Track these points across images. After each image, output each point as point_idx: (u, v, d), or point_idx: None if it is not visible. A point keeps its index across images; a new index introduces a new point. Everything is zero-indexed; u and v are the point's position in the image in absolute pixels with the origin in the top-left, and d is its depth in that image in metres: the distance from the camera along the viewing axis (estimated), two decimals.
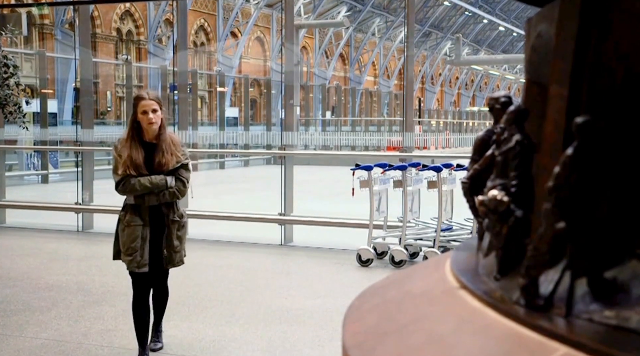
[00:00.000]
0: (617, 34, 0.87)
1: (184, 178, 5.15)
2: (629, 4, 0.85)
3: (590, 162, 0.84)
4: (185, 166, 5.17)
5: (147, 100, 5.04)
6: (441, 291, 1.12)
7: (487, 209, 1.03)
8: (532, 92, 1.11)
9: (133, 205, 5.10)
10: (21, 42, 29.08)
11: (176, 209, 5.21)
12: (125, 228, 5.07)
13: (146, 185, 4.98)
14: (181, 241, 5.24)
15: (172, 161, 5.05)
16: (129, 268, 5.09)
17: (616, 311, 0.82)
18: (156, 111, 5.04)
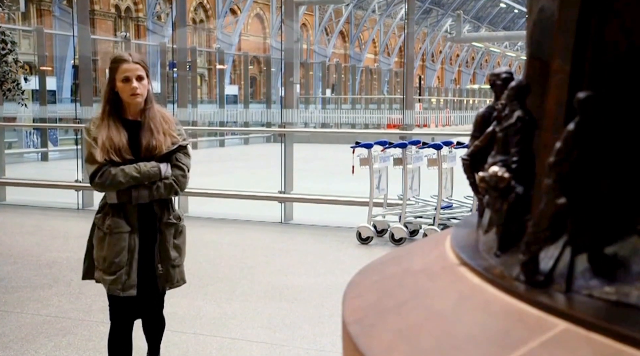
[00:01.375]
0: (620, 7, 0.86)
1: (184, 164, 3.91)
2: None
3: (592, 138, 0.84)
4: (184, 149, 3.93)
5: (129, 63, 3.80)
6: (441, 268, 1.12)
7: (487, 186, 1.03)
8: (533, 67, 1.10)
9: (116, 205, 3.82)
10: (19, 18, 28.93)
11: (172, 209, 4.00)
12: (106, 236, 3.81)
13: (133, 175, 3.72)
14: (180, 252, 4.03)
15: (166, 142, 3.83)
16: (110, 291, 3.83)
17: (616, 286, 0.82)
18: (142, 79, 3.82)
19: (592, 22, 0.88)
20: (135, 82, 3.78)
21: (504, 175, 1.00)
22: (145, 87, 3.84)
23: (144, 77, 3.83)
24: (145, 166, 3.77)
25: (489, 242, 1.10)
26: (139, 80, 3.80)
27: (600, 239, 0.85)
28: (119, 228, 3.80)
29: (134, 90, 3.78)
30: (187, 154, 3.96)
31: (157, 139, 3.81)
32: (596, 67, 0.89)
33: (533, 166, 1.02)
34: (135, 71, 3.79)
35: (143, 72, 3.83)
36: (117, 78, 3.81)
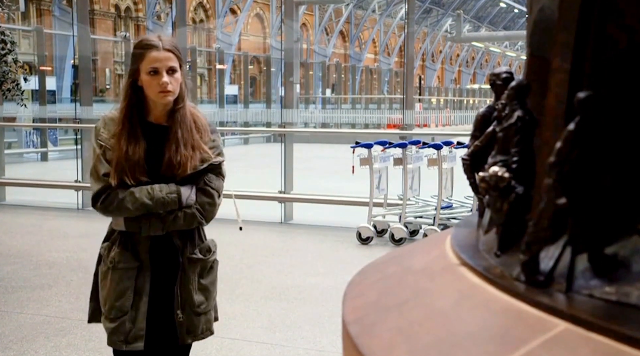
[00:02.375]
0: (621, 4, 0.86)
1: (213, 189, 3.09)
2: None
3: (592, 138, 0.84)
4: (217, 168, 3.11)
5: (159, 50, 2.97)
6: (441, 268, 1.12)
7: (487, 186, 1.03)
8: (534, 67, 1.10)
9: (124, 234, 3.05)
10: (18, 18, 28.94)
11: (199, 240, 3.16)
12: (110, 271, 3.04)
13: (144, 202, 2.94)
14: (209, 296, 3.18)
15: (194, 159, 3.01)
16: (111, 343, 3.06)
17: (617, 286, 0.82)
18: (175, 72, 3.00)
19: (593, 20, 0.88)
20: (166, 76, 2.94)
21: (504, 175, 1.00)
22: (178, 82, 3.00)
23: (177, 69, 2.99)
24: (161, 192, 2.95)
25: (489, 242, 1.10)
26: (170, 73, 2.96)
27: (600, 239, 0.85)
28: (124, 262, 3.02)
29: (164, 86, 2.94)
30: (219, 174, 3.11)
31: (183, 155, 2.98)
32: (597, 65, 0.89)
33: (533, 166, 1.02)
34: (166, 61, 2.95)
35: (176, 63, 2.99)
36: (143, 69, 2.97)
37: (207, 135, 3.09)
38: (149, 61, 2.96)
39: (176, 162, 2.98)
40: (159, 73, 2.95)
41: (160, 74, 2.95)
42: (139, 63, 2.99)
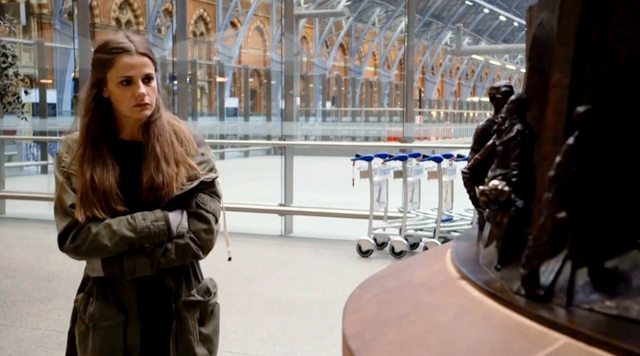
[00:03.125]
0: (619, 19, 0.86)
1: (209, 212, 2.52)
2: None
3: (592, 152, 0.84)
4: (210, 186, 2.54)
5: (132, 55, 2.40)
6: (441, 281, 1.12)
7: (487, 199, 1.03)
8: (533, 81, 1.10)
9: (102, 281, 2.46)
10: (20, 31, 29.04)
11: (195, 279, 2.59)
12: (90, 331, 2.44)
13: (126, 235, 2.36)
14: (212, 347, 2.61)
15: (181, 176, 2.47)
16: None
17: (617, 301, 0.82)
18: (151, 80, 2.44)
19: (592, 34, 0.89)
20: (143, 85, 2.38)
21: (504, 189, 1.00)
22: (155, 91, 2.44)
23: (154, 76, 2.44)
24: (144, 220, 2.37)
25: (489, 256, 1.10)
26: (147, 81, 2.40)
27: (600, 253, 0.85)
28: (107, 319, 2.41)
29: (140, 98, 2.37)
30: (214, 194, 2.54)
31: (166, 173, 2.42)
32: (595, 80, 0.89)
33: (533, 180, 1.02)
34: (141, 68, 2.39)
35: (152, 69, 2.43)
36: (112, 78, 2.39)
37: (193, 147, 2.53)
38: (121, 69, 2.36)
39: (158, 182, 2.40)
40: (134, 83, 2.37)
41: (136, 83, 2.37)
42: (106, 71, 2.40)
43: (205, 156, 2.57)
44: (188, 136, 2.57)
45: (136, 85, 2.38)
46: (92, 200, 2.37)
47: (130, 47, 2.39)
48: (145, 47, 2.45)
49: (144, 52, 2.42)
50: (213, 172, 2.57)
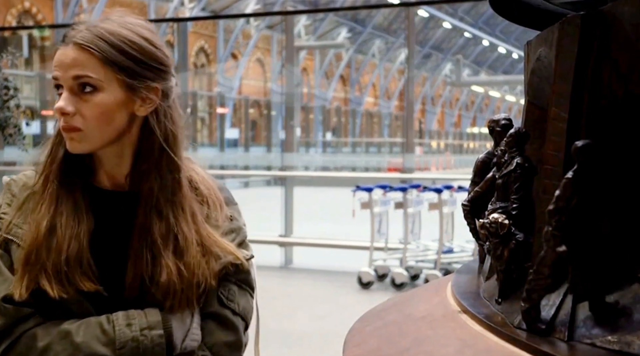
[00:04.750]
0: (616, 54, 0.87)
1: (237, 314, 1.65)
2: (627, 26, 0.86)
3: (591, 186, 0.84)
4: (241, 273, 1.67)
5: (67, 46, 1.49)
6: (442, 315, 1.11)
7: (488, 232, 1.03)
8: (532, 114, 1.11)
9: None
10: (22, 64, 29.25)
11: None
12: None
13: (96, 354, 1.42)
14: None
15: (200, 269, 1.52)
16: None
17: (618, 335, 0.81)
18: (93, 89, 1.47)
19: (589, 70, 0.90)
20: (67, 96, 1.48)
21: (504, 222, 1.01)
22: (99, 110, 1.48)
23: (96, 82, 1.48)
24: (129, 326, 1.46)
25: (490, 289, 1.10)
26: (77, 90, 1.48)
27: (601, 287, 0.85)
28: None
29: (60, 114, 1.48)
30: (245, 283, 1.72)
31: (172, 270, 1.49)
32: (594, 114, 0.90)
33: (533, 213, 1.02)
34: (71, 67, 1.47)
35: (94, 71, 1.47)
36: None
37: (220, 211, 1.64)
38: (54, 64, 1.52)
39: (158, 279, 1.49)
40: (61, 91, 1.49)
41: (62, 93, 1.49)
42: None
43: (234, 221, 1.67)
44: (213, 191, 1.65)
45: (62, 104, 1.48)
46: (43, 264, 1.45)
47: (69, 34, 1.51)
48: (92, 35, 1.47)
49: (84, 44, 1.47)
50: (245, 246, 1.71)
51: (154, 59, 1.54)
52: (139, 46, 1.51)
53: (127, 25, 1.53)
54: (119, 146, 1.55)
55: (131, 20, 1.55)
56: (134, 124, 1.54)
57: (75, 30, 1.50)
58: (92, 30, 1.49)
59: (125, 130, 1.53)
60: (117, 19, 1.53)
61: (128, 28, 1.52)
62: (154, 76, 1.53)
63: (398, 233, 9.18)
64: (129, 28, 1.52)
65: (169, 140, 1.55)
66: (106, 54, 1.47)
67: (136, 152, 1.55)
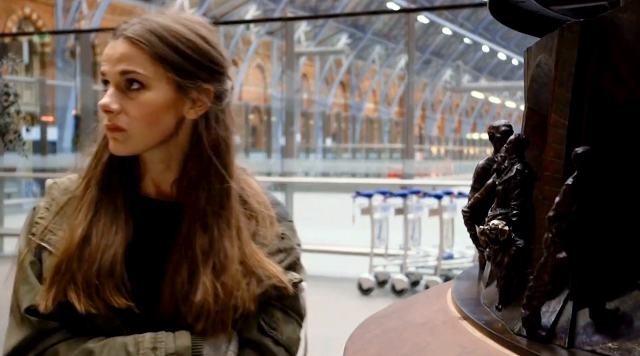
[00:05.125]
0: (616, 60, 0.87)
1: (280, 343, 1.43)
2: (627, 33, 0.86)
3: (591, 192, 0.84)
4: (288, 298, 1.45)
5: (116, 39, 1.39)
6: (442, 322, 1.11)
7: (488, 239, 1.03)
8: (532, 121, 1.11)
9: None
10: (22, 70, 29.28)
11: None
12: None
13: None
14: None
15: (242, 291, 1.37)
16: None
17: (619, 342, 0.81)
18: (140, 86, 1.37)
19: (589, 77, 0.90)
20: (113, 93, 1.38)
21: (504, 228, 1.00)
22: (146, 109, 1.37)
23: (143, 79, 1.37)
24: (155, 350, 1.34)
25: (490, 295, 1.10)
26: (124, 86, 1.38)
27: (602, 293, 0.85)
28: None
29: (104, 112, 1.38)
30: (293, 309, 1.49)
31: (208, 289, 1.36)
32: (594, 121, 0.90)
33: (533, 219, 1.02)
34: (119, 62, 1.38)
35: (140, 66, 1.37)
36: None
37: (272, 230, 1.49)
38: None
39: (192, 299, 1.36)
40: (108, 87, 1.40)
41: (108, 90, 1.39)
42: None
43: (285, 240, 1.51)
44: (265, 206, 1.51)
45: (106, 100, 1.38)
46: (73, 275, 1.36)
47: (120, 28, 1.41)
48: (144, 30, 1.37)
49: (134, 38, 1.37)
50: (298, 268, 1.50)
51: (208, 58, 1.41)
52: (192, 43, 1.39)
53: (182, 20, 1.42)
54: (165, 151, 1.43)
55: (187, 16, 1.45)
56: (182, 127, 1.42)
57: (127, 24, 1.41)
58: (144, 24, 1.39)
59: (172, 133, 1.41)
60: (173, 14, 1.43)
61: (183, 24, 1.41)
62: (207, 76, 1.41)
63: (398, 239, 9.17)
64: (183, 24, 1.41)
65: (219, 147, 1.43)
66: (156, 49, 1.37)
67: (184, 158, 1.43)
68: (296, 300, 1.48)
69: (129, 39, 1.37)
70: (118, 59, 1.37)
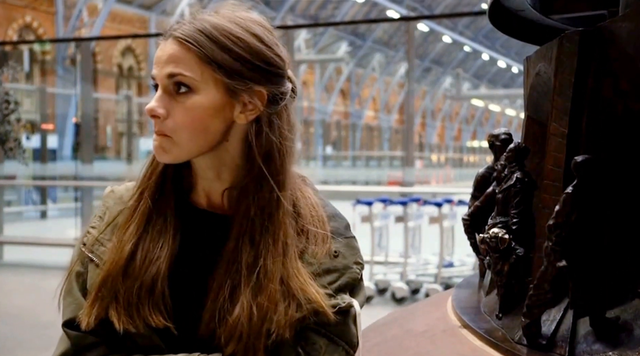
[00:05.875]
0: (616, 70, 0.87)
1: None
2: (625, 42, 0.86)
3: (591, 201, 0.84)
4: (335, 322, 1.24)
5: (166, 40, 1.28)
6: (443, 330, 1.11)
7: (488, 247, 1.03)
8: (532, 129, 1.11)
9: None
10: (22, 78, 29.31)
11: None
12: None
13: None
14: None
15: (280, 314, 1.22)
16: None
17: (619, 351, 0.81)
18: (188, 89, 1.25)
19: (589, 86, 0.90)
20: (162, 96, 1.27)
21: (505, 237, 1.00)
22: (195, 112, 1.26)
23: (190, 82, 1.26)
24: None
25: (490, 303, 1.09)
26: (172, 89, 1.27)
27: (602, 302, 0.85)
28: None
29: (151, 116, 1.28)
30: (340, 336, 1.28)
31: (242, 304, 1.25)
32: (593, 129, 0.90)
33: (533, 227, 1.02)
34: (166, 64, 1.27)
35: (189, 69, 1.26)
36: None
37: (324, 247, 1.34)
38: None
39: (227, 318, 1.26)
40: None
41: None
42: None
43: (339, 259, 1.34)
44: (319, 220, 1.37)
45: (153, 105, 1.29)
46: (117, 292, 1.31)
47: (170, 28, 1.32)
48: (194, 30, 1.28)
49: (181, 38, 1.28)
50: (354, 290, 1.34)
51: (261, 58, 1.29)
52: (244, 42, 1.28)
53: (235, 19, 1.31)
54: (215, 158, 1.32)
55: (242, 14, 1.33)
56: (233, 132, 1.31)
57: (178, 24, 1.30)
58: (194, 23, 1.29)
59: (220, 139, 1.30)
60: (227, 13, 1.32)
61: (236, 22, 1.31)
62: (259, 77, 1.30)
63: (398, 247, 9.16)
64: (236, 22, 1.31)
65: (271, 154, 1.31)
66: (205, 49, 1.27)
67: (236, 167, 1.33)
68: (345, 326, 1.30)
69: (177, 40, 1.28)
70: (166, 60, 1.28)
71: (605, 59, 0.88)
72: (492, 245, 1.03)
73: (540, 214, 0.99)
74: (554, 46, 0.96)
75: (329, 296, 1.28)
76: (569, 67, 0.92)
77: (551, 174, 0.96)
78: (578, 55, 0.89)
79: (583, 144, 0.91)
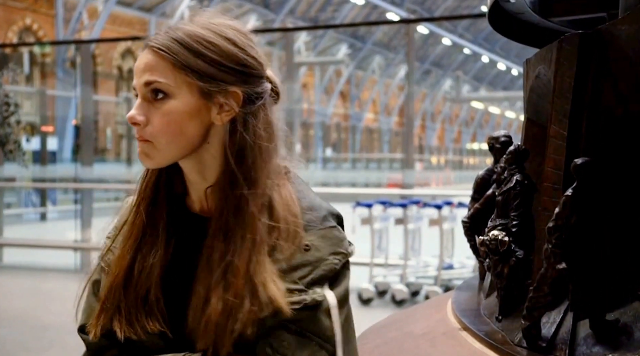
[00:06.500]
0: (615, 74, 0.87)
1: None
2: (625, 44, 0.86)
3: (590, 203, 0.84)
4: (305, 316, 1.28)
5: (144, 50, 1.35)
6: (442, 333, 1.11)
7: (488, 250, 1.03)
8: (531, 132, 1.11)
9: None
10: (22, 80, 29.31)
11: None
12: None
13: None
14: None
15: (244, 309, 1.24)
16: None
17: (619, 354, 0.81)
18: (164, 96, 1.30)
19: (588, 88, 0.89)
20: (141, 104, 1.33)
21: (504, 239, 1.00)
22: (171, 118, 1.31)
23: (166, 88, 1.31)
24: None
25: (490, 306, 1.09)
26: (150, 96, 1.32)
27: (602, 304, 0.85)
28: None
29: (132, 124, 1.34)
30: (313, 332, 1.31)
31: (214, 301, 1.27)
32: (593, 132, 0.90)
33: (533, 230, 1.02)
34: (143, 73, 1.34)
35: (168, 76, 1.31)
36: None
37: (295, 242, 1.32)
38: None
39: (207, 318, 1.27)
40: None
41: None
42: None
43: (311, 251, 1.35)
44: (292, 215, 1.35)
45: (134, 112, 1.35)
46: (119, 303, 1.37)
47: (147, 39, 1.38)
48: (169, 38, 1.33)
49: (155, 47, 1.33)
50: (335, 281, 1.46)
51: (234, 60, 1.33)
52: (216, 47, 1.33)
53: (209, 25, 1.36)
54: (197, 160, 1.36)
55: (216, 20, 1.38)
56: (213, 134, 1.34)
57: (155, 35, 1.36)
58: (169, 32, 1.35)
59: (201, 141, 1.34)
60: (201, 20, 1.37)
61: (209, 28, 1.35)
62: (234, 79, 1.33)
63: (398, 249, 9.15)
64: (209, 28, 1.35)
65: (244, 153, 1.33)
66: (178, 56, 1.32)
67: (219, 167, 1.35)
68: (315, 319, 1.31)
69: (152, 49, 1.34)
70: (143, 70, 1.34)
71: (604, 62, 0.88)
72: (491, 247, 1.03)
73: (540, 217, 0.99)
74: (554, 49, 0.96)
75: (299, 292, 1.29)
76: (568, 69, 0.92)
77: (551, 176, 0.96)
78: (578, 57, 0.89)
79: (583, 147, 0.91)
